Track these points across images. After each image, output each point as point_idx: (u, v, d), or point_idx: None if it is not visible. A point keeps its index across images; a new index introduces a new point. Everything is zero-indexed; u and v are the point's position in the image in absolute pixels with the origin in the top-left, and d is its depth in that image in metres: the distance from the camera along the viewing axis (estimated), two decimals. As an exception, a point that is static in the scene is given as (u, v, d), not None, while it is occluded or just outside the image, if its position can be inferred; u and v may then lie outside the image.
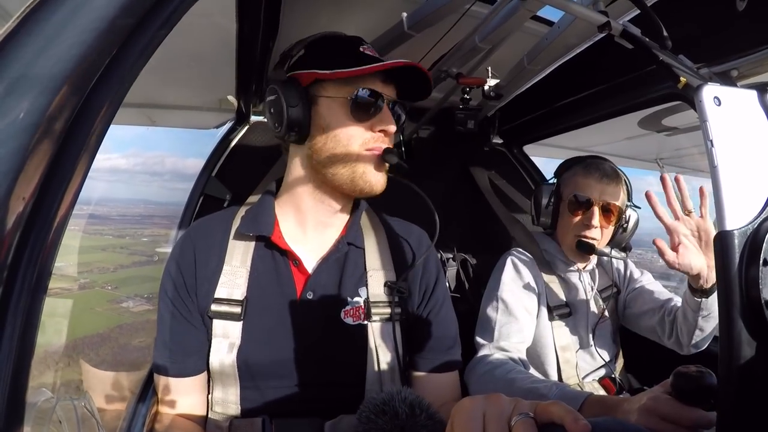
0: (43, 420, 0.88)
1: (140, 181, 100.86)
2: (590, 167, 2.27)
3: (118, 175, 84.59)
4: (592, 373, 2.24)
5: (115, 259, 17.22)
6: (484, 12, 1.81)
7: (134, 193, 39.56)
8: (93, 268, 15.80)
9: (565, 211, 2.26)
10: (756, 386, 0.94)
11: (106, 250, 17.37)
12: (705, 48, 1.58)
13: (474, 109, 2.51)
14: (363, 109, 1.53)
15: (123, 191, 28.85)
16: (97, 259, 16.62)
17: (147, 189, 60.01)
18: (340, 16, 2.01)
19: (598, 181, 2.22)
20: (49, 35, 0.61)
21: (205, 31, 1.79)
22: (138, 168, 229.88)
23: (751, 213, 0.99)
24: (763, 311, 0.93)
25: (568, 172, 2.35)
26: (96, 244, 16.78)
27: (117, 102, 0.69)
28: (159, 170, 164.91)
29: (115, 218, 17.07)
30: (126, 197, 26.33)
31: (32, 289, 0.61)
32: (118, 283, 15.29)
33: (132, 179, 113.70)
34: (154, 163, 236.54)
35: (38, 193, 0.61)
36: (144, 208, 16.82)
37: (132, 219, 17.45)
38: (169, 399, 1.59)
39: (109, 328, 11.50)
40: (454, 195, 3.15)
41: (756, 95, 1.09)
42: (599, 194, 2.20)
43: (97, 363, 2.06)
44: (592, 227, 2.18)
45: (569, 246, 2.25)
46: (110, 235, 17.91)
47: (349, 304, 1.63)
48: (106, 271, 16.35)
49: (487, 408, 0.81)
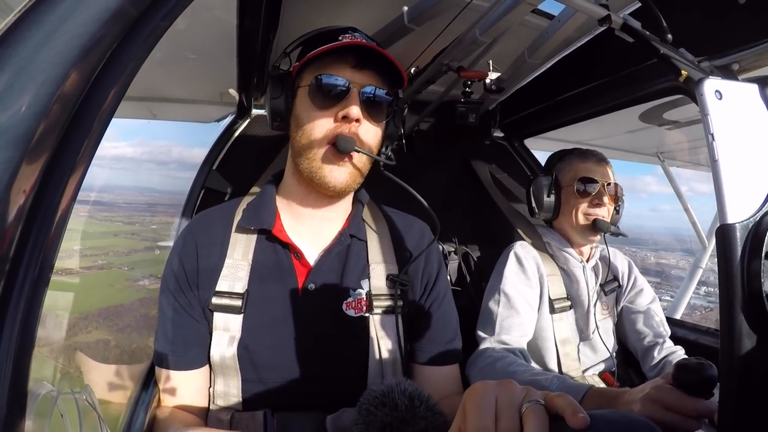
0: (45, 413, 0.88)
1: (146, 169, 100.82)
2: (585, 153, 2.34)
3: (125, 164, 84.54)
4: (592, 367, 2.25)
5: (128, 244, 17.50)
6: (485, 5, 1.81)
7: (141, 181, 39.48)
8: (108, 251, 16.33)
9: (572, 197, 2.27)
10: (757, 379, 0.95)
11: (118, 235, 17.72)
12: (706, 41, 1.58)
13: (475, 103, 2.52)
14: (323, 96, 1.50)
15: (130, 179, 28.79)
16: (111, 243, 17.13)
17: (152, 178, 59.80)
18: (340, 9, 2.01)
19: (597, 163, 2.29)
20: (51, 28, 0.61)
21: (207, 24, 1.79)
22: (144, 157, 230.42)
23: (752, 206, 0.99)
24: (764, 304, 0.93)
25: (562, 162, 2.38)
26: (108, 230, 17.29)
27: (119, 95, 0.69)
28: (165, 160, 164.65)
29: (123, 206, 17.37)
30: (133, 185, 26.36)
31: (34, 282, 0.61)
32: (133, 265, 15.61)
33: (138, 168, 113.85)
34: (160, 152, 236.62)
35: (39, 186, 0.61)
36: (150, 196, 17.12)
37: (139, 207, 17.68)
38: (170, 391, 1.59)
39: (130, 301, 11.94)
40: (455, 188, 3.15)
41: (757, 89, 1.09)
42: (601, 175, 2.25)
43: (122, 327, 2.14)
44: (603, 205, 2.22)
45: (580, 230, 2.27)
46: (120, 222, 18.36)
47: (351, 296, 1.63)
48: (120, 254, 16.72)
49: (499, 393, 0.82)
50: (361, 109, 1.50)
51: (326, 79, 1.49)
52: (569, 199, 2.29)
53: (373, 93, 1.53)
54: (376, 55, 1.49)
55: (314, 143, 1.50)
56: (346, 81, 1.49)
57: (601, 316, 2.30)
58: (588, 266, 2.32)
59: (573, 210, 2.27)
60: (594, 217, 2.21)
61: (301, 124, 1.53)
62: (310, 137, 1.50)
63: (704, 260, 6.04)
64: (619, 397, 1.40)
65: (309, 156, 1.52)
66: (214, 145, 2.58)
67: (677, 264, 28.97)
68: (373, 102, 1.54)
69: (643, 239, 36.33)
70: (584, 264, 2.31)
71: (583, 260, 2.32)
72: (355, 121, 1.50)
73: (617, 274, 2.47)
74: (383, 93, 1.55)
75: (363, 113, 1.51)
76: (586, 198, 2.24)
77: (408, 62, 2.35)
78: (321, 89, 1.50)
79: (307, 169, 1.53)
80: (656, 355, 2.22)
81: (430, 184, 1.55)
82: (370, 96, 1.53)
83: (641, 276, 2.50)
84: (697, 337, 2.49)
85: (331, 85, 1.49)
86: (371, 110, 1.54)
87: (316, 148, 1.50)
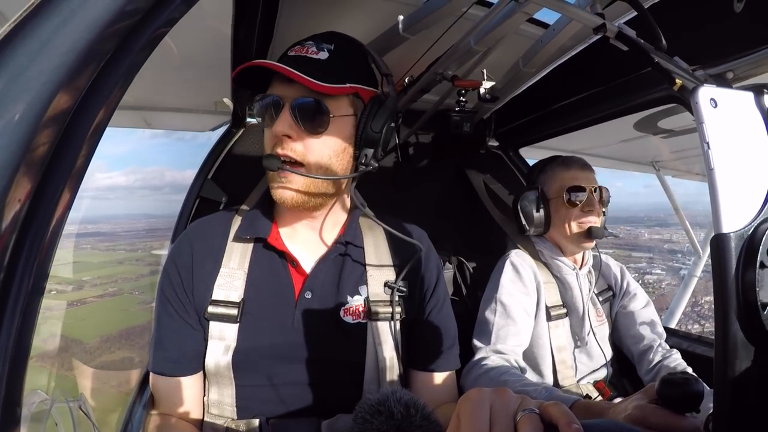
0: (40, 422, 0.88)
1: (140, 196, 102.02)
2: (568, 160, 2.34)
3: (118, 192, 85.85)
4: (588, 375, 2.25)
5: (134, 270, 17.79)
6: (480, 14, 1.82)
7: (137, 208, 39.77)
8: (117, 278, 16.81)
9: (561, 208, 2.27)
10: (751, 389, 0.94)
11: (123, 263, 18.13)
12: (700, 50, 1.59)
13: (470, 112, 2.52)
14: (263, 115, 1.51)
15: (125, 208, 29.05)
16: (118, 271, 17.63)
17: (147, 204, 60.57)
18: (335, 19, 2.01)
19: (581, 170, 2.29)
20: (45, 38, 0.61)
21: (201, 34, 1.79)
22: (138, 184, 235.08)
23: (747, 216, 0.99)
24: (759, 314, 0.93)
25: (545, 173, 2.38)
26: (111, 258, 17.84)
27: (113, 104, 0.69)
28: (158, 184, 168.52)
29: (123, 234, 17.89)
30: (128, 212, 26.75)
31: (29, 292, 0.61)
32: (143, 289, 15.87)
33: (131, 195, 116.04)
34: (153, 177, 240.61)
35: (34, 196, 0.61)
36: (147, 222, 17.75)
37: (139, 233, 18.12)
38: (164, 399, 1.59)
39: (146, 321, 12.24)
40: (450, 198, 3.15)
41: (752, 97, 1.09)
42: (587, 181, 2.26)
43: (143, 345, 2.16)
44: (594, 212, 2.23)
45: (574, 238, 2.26)
46: (123, 250, 18.91)
47: (349, 303, 1.63)
48: (129, 280, 17.08)
49: (494, 400, 0.81)
50: (295, 123, 1.47)
51: (259, 97, 1.50)
52: (559, 210, 2.29)
53: (300, 104, 1.47)
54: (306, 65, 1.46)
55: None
56: (275, 97, 1.48)
57: (597, 323, 2.31)
58: (581, 273, 2.32)
59: (564, 221, 2.27)
60: (588, 224, 2.22)
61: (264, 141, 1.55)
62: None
63: (699, 269, 6.04)
64: (604, 412, 1.40)
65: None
66: (208, 155, 2.57)
67: (671, 238, 29.74)
68: (305, 113, 1.47)
69: (639, 217, 36.67)
70: (577, 271, 2.31)
71: (576, 267, 2.32)
72: (287, 137, 1.48)
73: (610, 281, 2.49)
74: (312, 101, 1.47)
75: (299, 127, 1.47)
76: (576, 207, 2.24)
77: (402, 71, 2.35)
78: (260, 109, 1.51)
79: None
80: (652, 358, 2.22)
81: (425, 194, 1.55)
82: (299, 107, 1.47)
83: (634, 281, 2.50)
84: (691, 346, 2.49)
85: (265, 104, 1.49)
86: (307, 122, 1.48)
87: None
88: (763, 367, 0.94)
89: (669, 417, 1.18)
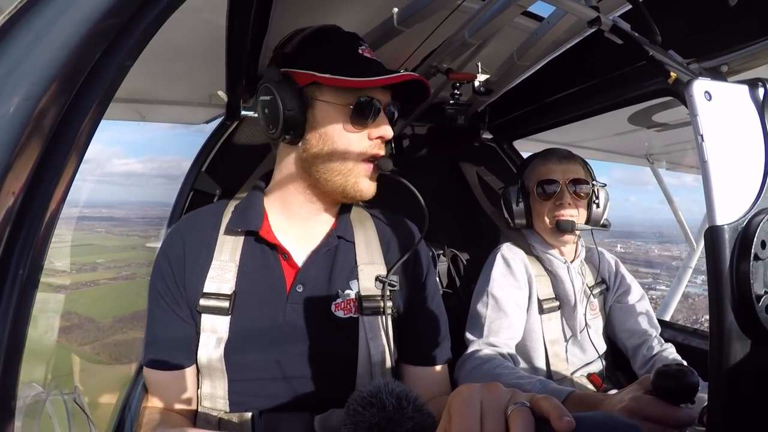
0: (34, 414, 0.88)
1: (156, 184, 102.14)
2: (546, 153, 2.33)
3: (133, 179, 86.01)
4: (581, 368, 2.25)
5: (146, 256, 17.95)
6: (475, 7, 1.81)
7: (151, 195, 39.73)
8: (131, 263, 16.95)
9: (536, 201, 2.28)
10: (746, 381, 0.95)
11: (136, 248, 18.26)
12: (695, 43, 1.58)
13: (464, 105, 2.53)
14: (362, 117, 1.51)
15: (141, 195, 29.19)
16: (131, 256, 17.84)
17: (163, 192, 60.08)
18: (330, 11, 2.01)
19: (558, 162, 2.27)
20: (39, 32, 0.60)
21: (195, 26, 1.79)
22: (154, 172, 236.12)
23: (741, 208, 0.99)
24: (753, 306, 0.94)
25: (527, 167, 2.39)
26: (125, 243, 18.08)
27: (107, 98, 0.68)
28: (175, 174, 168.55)
29: (136, 220, 18.02)
30: (142, 200, 26.91)
31: (23, 285, 0.61)
32: None
33: (148, 183, 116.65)
34: (170, 167, 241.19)
35: (28, 189, 0.60)
36: (161, 210, 17.85)
37: (152, 221, 18.26)
38: (158, 392, 1.59)
39: None
40: (444, 190, 3.15)
41: (747, 90, 1.09)
42: (562, 174, 2.24)
43: None
44: (566, 205, 2.21)
45: (550, 233, 2.27)
46: (136, 236, 19.10)
47: (340, 297, 1.62)
48: (142, 265, 17.24)
49: (484, 395, 0.81)
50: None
51: (367, 101, 1.51)
52: (535, 204, 2.30)
53: (394, 111, 1.62)
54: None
55: (349, 160, 1.53)
56: (378, 102, 1.53)
57: (591, 316, 2.30)
58: (573, 266, 2.32)
59: (539, 214, 2.28)
60: (558, 218, 2.21)
61: (329, 139, 1.53)
62: (345, 155, 1.53)
63: (693, 261, 6.08)
64: (599, 404, 1.41)
65: (341, 170, 1.54)
66: (202, 147, 2.56)
67: (680, 255, 30.05)
68: (390, 114, 1.60)
69: (651, 233, 36.70)
70: (568, 264, 2.30)
71: (567, 261, 2.31)
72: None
73: (605, 275, 2.48)
74: (397, 108, 1.62)
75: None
76: (549, 200, 2.24)
77: (397, 64, 2.35)
78: (363, 111, 1.51)
79: (337, 182, 1.55)
80: (646, 352, 2.22)
81: (420, 187, 1.54)
82: (392, 113, 1.61)
83: (629, 274, 2.49)
84: (686, 339, 2.49)
85: (371, 106, 1.52)
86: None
87: (352, 164, 1.53)
88: (757, 359, 0.95)
89: (664, 408, 1.19)
